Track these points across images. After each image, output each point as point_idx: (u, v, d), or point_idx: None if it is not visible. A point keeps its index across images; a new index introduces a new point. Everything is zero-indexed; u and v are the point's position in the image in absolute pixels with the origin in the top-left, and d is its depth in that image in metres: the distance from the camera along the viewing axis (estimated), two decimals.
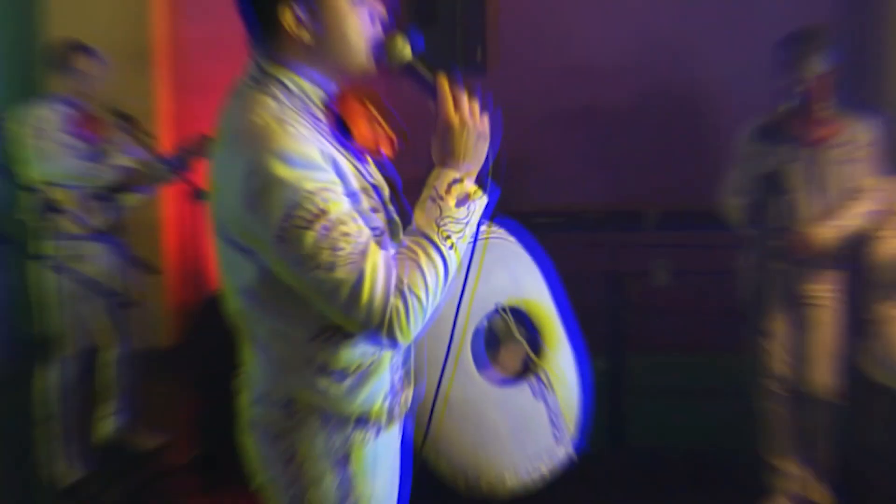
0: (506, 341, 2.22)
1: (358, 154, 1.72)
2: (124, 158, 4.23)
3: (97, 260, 4.15)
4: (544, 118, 5.26)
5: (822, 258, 3.65)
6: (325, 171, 1.55)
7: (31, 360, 3.96)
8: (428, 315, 1.59)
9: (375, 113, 1.80)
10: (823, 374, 3.74)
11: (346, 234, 1.52)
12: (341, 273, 1.51)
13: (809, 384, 3.71)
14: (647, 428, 4.41)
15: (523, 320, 2.21)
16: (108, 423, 4.55)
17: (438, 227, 1.60)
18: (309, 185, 1.51)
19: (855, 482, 3.96)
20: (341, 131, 1.70)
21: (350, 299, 1.52)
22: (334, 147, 1.63)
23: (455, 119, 1.64)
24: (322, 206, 1.51)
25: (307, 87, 1.67)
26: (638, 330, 4.34)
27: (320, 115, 1.68)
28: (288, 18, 1.63)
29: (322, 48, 1.67)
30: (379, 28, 1.71)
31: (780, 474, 3.83)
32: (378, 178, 1.76)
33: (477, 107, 1.66)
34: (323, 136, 1.63)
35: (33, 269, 3.95)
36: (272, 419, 1.75)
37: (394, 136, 1.82)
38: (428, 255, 1.58)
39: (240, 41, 5.42)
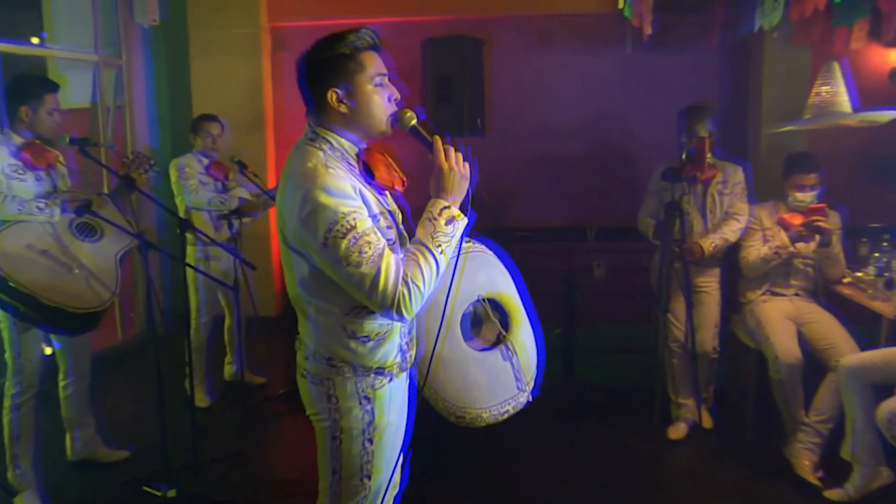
0: (484, 321, 2.22)
1: (379, 189, 1.77)
2: (241, 192, 4.25)
3: (221, 260, 4.19)
4: (523, 163, 5.26)
5: (707, 260, 3.62)
6: (354, 200, 1.62)
7: (181, 324, 4.01)
8: (425, 298, 1.65)
9: (391, 161, 1.84)
10: (708, 338, 3.71)
11: (369, 243, 1.58)
12: (365, 269, 1.58)
13: (699, 345, 3.67)
14: (589, 372, 4.37)
15: (497, 307, 2.22)
16: (229, 367, 4.59)
17: (433, 238, 1.66)
18: (343, 209, 1.58)
19: (729, 411, 3.92)
20: (367, 173, 1.75)
21: (371, 287, 1.58)
22: (362, 184, 1.69)
23: (445, 165, 1.69)
24: (352, 223, 1.58)
25: (345, 144, 1.74)
26: (583, 307, 4.33)
27: (353, 163, 1.74)
28: (332, 98, 1.71)
29: (355, 118, 1.73)
30: (394, 105, 1.76)
31: (679, 406, 3.80)
32: (393, 206, 1.81)
33: (461, 157, 1.70)
34: (355, 176, 1.69)
35: (180, 266, 3.99)
36: (319, 369, 1.78)
37: (404, 178, 1.86)
38: (425, 257, 1.63)
39: None
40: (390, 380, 1.80)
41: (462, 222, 1.69)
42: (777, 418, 3.44)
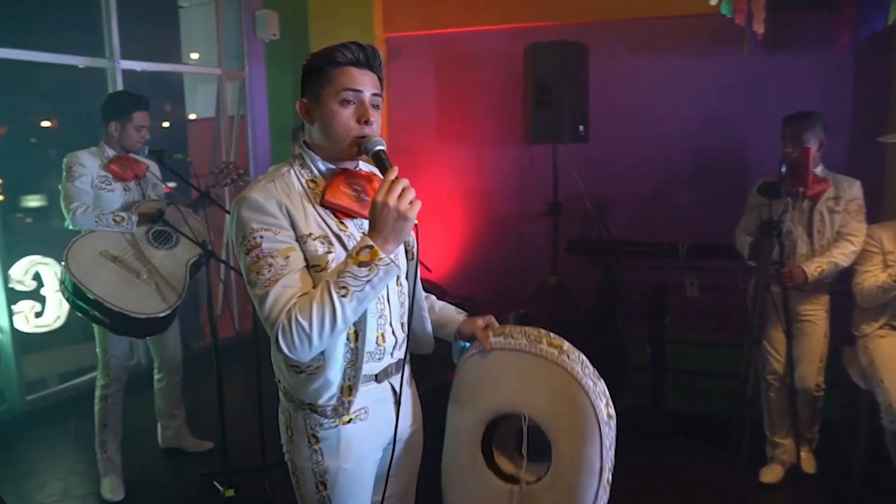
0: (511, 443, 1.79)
1: (334, 213, 1.55)
2: None
3: None
4: (621, 172, 4.84)
5: (814, 285, 3.08)
6: (271, 218, 1.47)
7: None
8: (317, 342, 1.42)
9: (362, 186, 1.59)
10: (811, 373, 3.17)
11: (270, 265, 1.45)
12: (258, 290, 1.45)
13: (799, 380, 3.15)
14: (677, 397, 3.96)
15: (540, 438, 1.70)
16: None
17: (338, 278, 1.41)
18: (254, 225, 1.47)
19: (836, 456, 3.34)
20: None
21: (261, 310, 1.45)
22: (306, 204, 1.52)
23: (379, 199, 1.41)
24: (257, 240, 1.46)
25: (316, 165, 1.58)
26: (674, 327, 3.87)
27: (318, 183, 1.56)
28: (299, 108, 1.59)
29: (319, 133, 1.56)
30: (363, 127, 1.52)
31: (775, 446, 3.29)
32: (348, 231, 1.56)
33: (408, 197, 1.40)
34: (303, 196, 1.52)
35: None
36: (280, 397, 1.68)
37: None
38: (321, 297, 1.41)
39: (425, 120, 5.30)
40: (334, 423, 1.60)
41: (384, 268, 1.41)
42: (892, 471, 2.86)
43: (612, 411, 1.64)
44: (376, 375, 1.65)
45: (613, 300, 4.26)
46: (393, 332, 1.66)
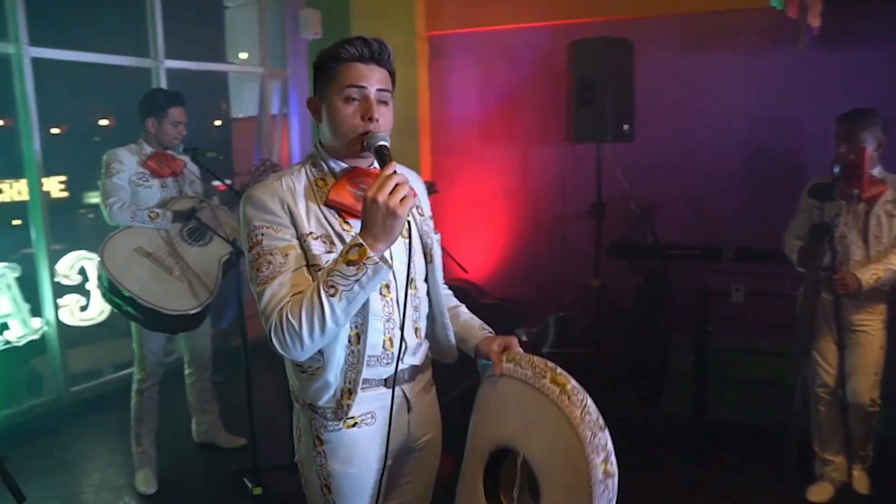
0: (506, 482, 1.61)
1: (339, 212, 1.52)
2: None
3: None
4: (666, 172, 4.67)
5: (869, 294, 2.89)
6: (273, 216, 1.48)
7: None
8: (307, 340, 1.39)
9: (364, 185, 1.54)
10: (865, 387, 2.98)
11: (269, 262, 1.45)
12: (257, 287, 1.45)
13: (852, 394, 2.96)
14: (720, 407, 3.77)
15: (532, 477, 1.50)
16: None
17: (327, 276, 1.38)
18: (256, 222, 1.48)
19: (892, 475, 3.13)
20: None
21: (259, 305, 1.44)
22: (311, 203, 1.51)
23: (370, 195, 1.35)
24: (258, 238, 1.47)
25: (327, 164, 1.56)
26: (718, 334, 3.71)
27: (326, 182, 1.54)
28: (310, 105, 1.58)
29: (328, 132, 1.54)
30: (367, 124, 1.50)
31: (825, 463, 3.11)
32: (351, 231, 1.51)
33: (399, 194, 1.34)
34: (308, 195, 1.52)
35: None
36: (292, 396, 1.67)
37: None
38: (311, 296, 1.39)
39: (467, 120, 5.23)
40: (336, 426, 1.57)
41: (372, 267, 1.36)
42: None
43: (613, 468, 1.38)
44: (385, 380, 1.60)
45: (656, 304, 4.12)
46: (403, 338, 1.60)
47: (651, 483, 3.21)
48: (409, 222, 1.63)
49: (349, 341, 1.52)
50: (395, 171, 1.38)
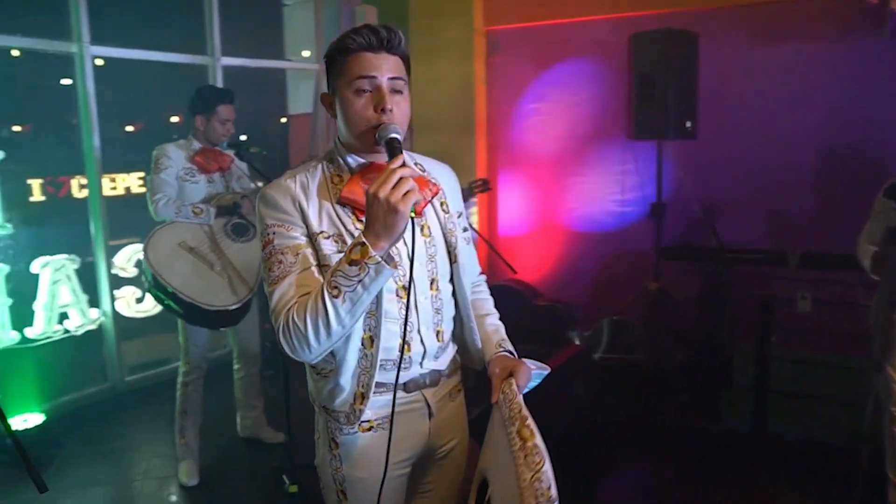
0: None
1: (353, 210, 1.47)
2: None
3: None
4: (731, 172, 4.42)
5: None
6: (284, 214, 1.45)
7: None
8: (314, 342, 1.35)
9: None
10: None
11: (280, 262, 1.42)
12: (269, 286, 1.42)
13: None
14: (783, 423, 3.52)
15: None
16: None
17: (331, 277, 1.33)
18: (268, 220, 1.45)
19: None
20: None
21: (269, 305, 1.42)
22: (324, 200, 1.46)
23: (370, 191, 1.29)
24: (271, 236, 1.44)
25: (344, 159, 1.52)
26: (782, 345, 3.47)
27: (342, 178, 1.49)
28: (324, 101, 1.53)
29: (342, 127, 1.49)
30: (381, 115, 1.42)
31: None
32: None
33: (402, 188, 1.27)
34: (322, 192, 1.47)
35: None
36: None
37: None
38: (316, 296, 1.34)
39: (530, 115, 5.09)
40: (351, 429, 1.51)
41: (374, 267, 1.29)
42: None
43: None
44: (405, 384, 1.54)
45: (717, 311, 3.90)
46: (422, 341, 1.54)
47: (707, 500, 3.04)
48: (427, 219, 1.57)
49: (362, 344, 1.47)
50: (402, 165, 1.30)
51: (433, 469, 1.68)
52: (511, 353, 1.63)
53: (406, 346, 1.51)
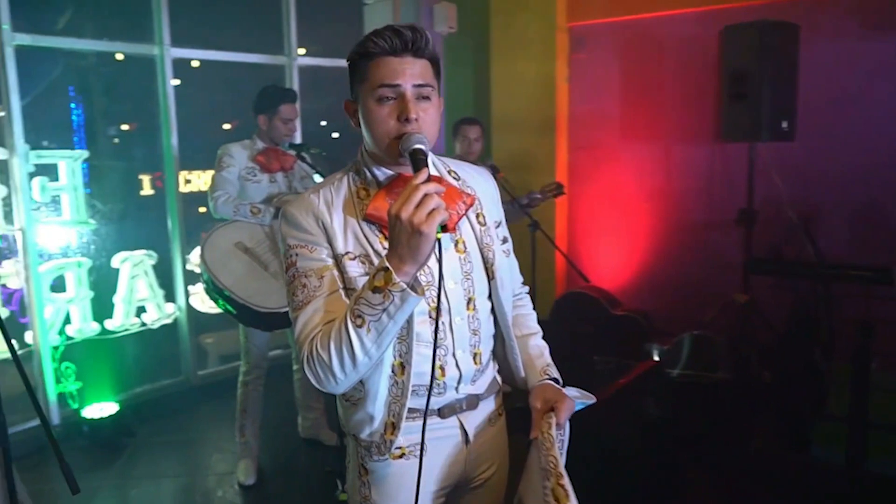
0: None
1: (380, 228, 1.36)
2: None
3: None
4: (831, 178, 4.02)
5: None
6: (307, 234, 1.34)
7: None
8: (340, 375, 1.25)
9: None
10: None
11: (303, 285, 1.32)
12: (293, 312, 1.33)
13: None
14: (883, 460, 3.15)
15: None
16: None
17: (354, 305, 1.22)
18: (290, 241, 1.36)
19: None
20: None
21: (294, 332, 1.33)
22: (350, 217, 1.36)
23: (392, 211, 1.18)
24: (293, 258, 1.35)
25: (371, 171, 1.41)
26: (884, 373, 3.10)
27: (369, 193, 1.39)
28: (347, 108, 1.42)
29: (367, 137, 1.37)
30: (405, 125, 1.30)
31: None
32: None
33: (426, 206, 1.15)
34: (348, 208, 1.37)
35: None
36: None
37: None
38: (339, 326, 1.24)
39: (608, 115, 4.85)
40: (380, 458, 1.41)
41: (398, 295, 1.18)
42: None
43: None
44: (440, 410, 1.43)
45: (811, 330, 3.55)
46: (457, 365, 1.42)
47: None
48: (461, 233, 1.45)
49: (392, 371, 1.36)
50: (427, 179, 1.18)
51: (467, 496, 1.56)
52: (556, 380, 1.50)
53: (440, 371, 1.41)
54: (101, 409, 3.74)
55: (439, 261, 1.23)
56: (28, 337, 3.65)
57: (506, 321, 1.51)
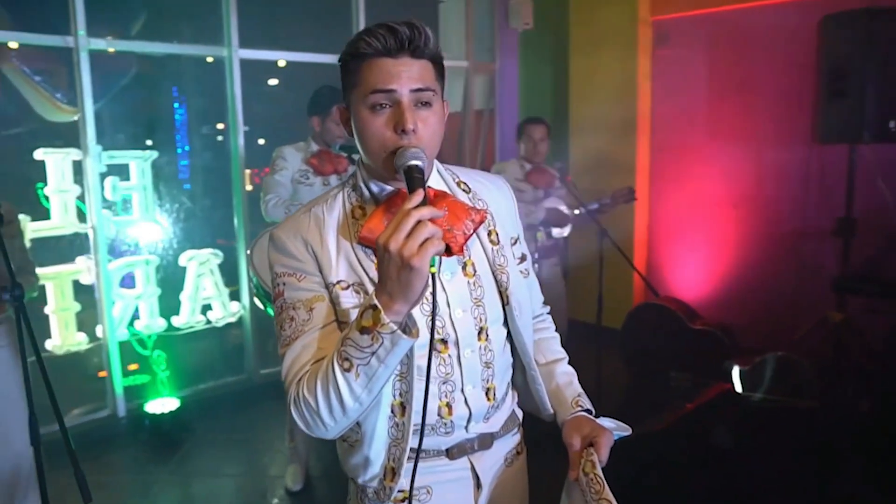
0: None
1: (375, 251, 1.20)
2: (554, 202, 3.74)
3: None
4: None
5: None
6: (295, 260, 1.19)
7: None
8: (329, 421, 1.11)
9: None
10: None
11: (290, 319, 1.18)
12: (280, 349, 1.19)
13: None
14: None
15: None
16: None
17: (341, 346, 1.07)
18: (277, 268, 1.21)
19: None
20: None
21: (282, 372, 1.18)
22: (343, 240, 1.20)
23: (380, 241, 1.02)
24: (281, 288, 1.20)
25: (368, 187, 1.24)
26: None
27: (365, 212, 1.22)
28: (339, 116, 1.26)
29: (359, 148, 1.21)
30: (402, 136, 1.13)
31: None
32: None
33: (418, 236, 0.99)
34: (341, 229, 1.21)
35: None
36: None
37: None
38: (325, 367, 1.10)
39: (694, 115, 4.53)
40: (386, 502, 1.25)
41: (388, 337, 1.04)
42: None
43: None
44: (448, 451, 1.27)
45: None
46: (467, 402, 1.25)
47: None
48: (471, 254, 1.27)
49: (392, 411, 1.20)
50: (424, 202, 1.03)
51: None
52: (589, 411, 1.33)
53: (447, 409, 1.24)
54: (163, 404, 3.79)
55: (433, 299, 1.06)
56: (98, 331, 3.75)
57: (525, 349, 1.33)
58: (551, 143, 3.84)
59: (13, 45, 3.61)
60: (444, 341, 1.23)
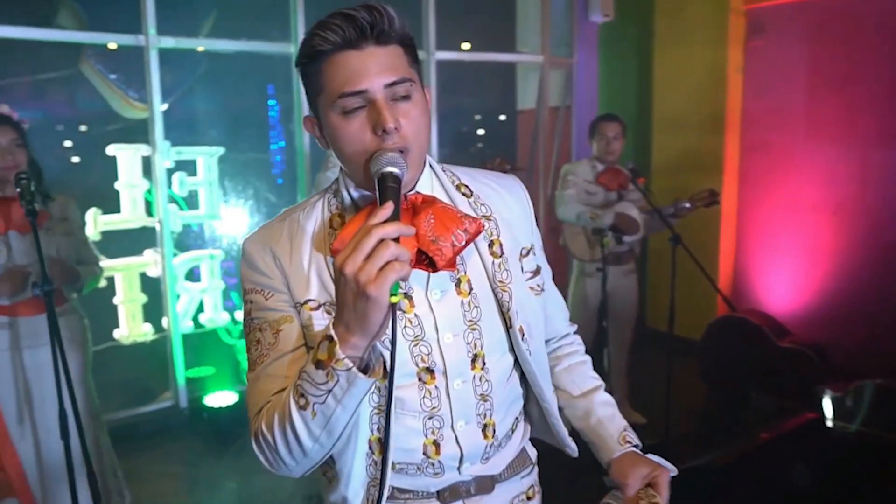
0: None
1: None
2: (625, 206, 3.45)
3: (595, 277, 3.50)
4: None
5: None
6: (262, 276, 1.05)
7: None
8: (289, 460, 0.97)
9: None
10: None
11: (256, 341, 1.04)
12: (248, 374, 1.06)
13: None
14: None
15: None
16: None
17: (298, 379, 0.93)
18: (246, 284, 1.07)
19: None
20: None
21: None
22: (317, 254, 1.03)
23: (336, 262, 0.86)
24: (248, 305, 1.07)
25: (349, 192, 1.08)
26: None
27: (345, 221, 1.06)
28: (308, 127, 1.07)
29: (337, 158, 1.04)
30: (379, 138, 0.96)
31: None
32: None
33: (378, 258, 0.83)
34: (316, 241, 1.05)
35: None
36: None
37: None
38: (284, 404, 0.95)
39: (791, 112, 4.13)
40: None
41: (344, 375, 0.88)
42: None
43: None
44: (438, 493, 1.09)
45: None
46: (458, 440, 1.07)
47: None
48: (466, 269, 1.08)
49: (370, 448, 1.05)
50: (394, 216, 0.86)
51: None
52: (637, 446, 1.17)
53: (434, 448, 1.07)
54: (222, 398, 3.78)
55: (393, 334, 0.87)
56: (164, 322, 3.79)
57: (535, 380, 1.13)
58: (633, 141, 3.59)
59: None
60: (429, 370, 1.05)
